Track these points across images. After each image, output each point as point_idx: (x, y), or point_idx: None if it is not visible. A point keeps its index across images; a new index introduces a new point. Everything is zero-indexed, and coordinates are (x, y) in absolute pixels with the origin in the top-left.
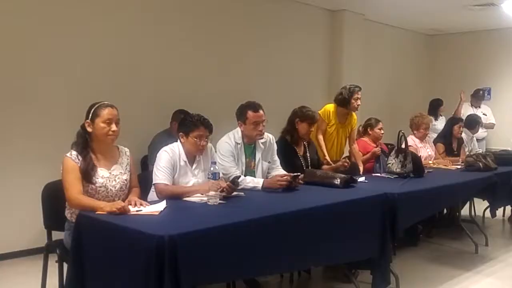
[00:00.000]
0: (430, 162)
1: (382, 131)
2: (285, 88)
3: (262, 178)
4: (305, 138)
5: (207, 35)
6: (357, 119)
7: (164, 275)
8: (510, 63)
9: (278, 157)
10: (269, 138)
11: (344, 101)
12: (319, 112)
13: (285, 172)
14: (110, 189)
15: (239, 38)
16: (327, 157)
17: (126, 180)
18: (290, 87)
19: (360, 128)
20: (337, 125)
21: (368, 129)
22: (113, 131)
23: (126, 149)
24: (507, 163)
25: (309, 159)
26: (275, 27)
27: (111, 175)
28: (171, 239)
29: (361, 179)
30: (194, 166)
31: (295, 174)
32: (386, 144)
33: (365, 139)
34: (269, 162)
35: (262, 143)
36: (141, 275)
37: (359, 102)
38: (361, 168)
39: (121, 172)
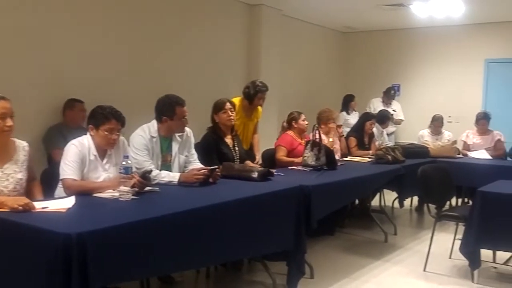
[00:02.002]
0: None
1: (306, 122)
2: (203, 82)
3: (179, 172)
4: (228, 125)
5: (118, 25)
6: (261, 112)
7: (71, 276)
8: (418, 61)
9: (208, 152)
10: (187, 131)
11: (248, 96)
12: None
13: (202, 166)
14: (1, 190)
15: (154, 31)
16: None
17: (21, 179)
18: (208, 82)
19: (284, 124)
20: (243, 119)
21: (293, 123)
22: (9, 126)
23: (25, 144)
24: (414, 156)
25: (238, 152)
26: (192, 20)
27: (3, 174)
28: (80, 237)
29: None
30: (105, 160)
31: (212, 167)
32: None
33: (291, 133)
34: (186, 156)
35: (179, 136)
36: (46, 278)
37: (262, 102)
38: (257, 157)
39: (15, 171)
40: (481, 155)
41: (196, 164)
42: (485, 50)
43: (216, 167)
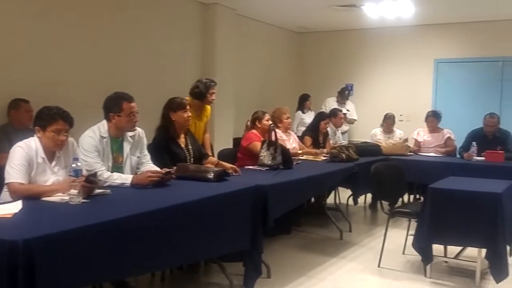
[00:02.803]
0: (300, 152)
1: (270, 122)
2: (155, 81)
3: (131, 174)
4: (184, 126)
5: (65, 21)
6: (211, 110)
7: (18, 286)
8: (370, 61)
9: (158, 152)
10: (138, 131)
11: (200, 95)
12: None
13: (156, 167)
14: None
15: (104, 28)
16: None
17: None
18: (161, 81)
19: (248, 123)
20: (194, 119)
21: (257, 122)
22: None
23: None
24: (367, 154)
25: (191, 151)
26: (144, 18)
27: None
28: (26, 244)
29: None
30: (53, 163)
31: (168, 170)
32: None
33: (255, 131)
34: (138, 157)
35: (130, 136)
36: None
37: (214, 96)
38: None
39: None
40: (432, 155)
41: (149, 165)
42: (434, 51)
43: (170, 169)
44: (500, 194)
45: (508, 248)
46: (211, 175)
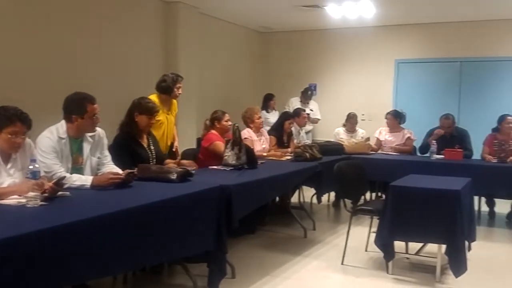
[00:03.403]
0: (265, 154)
1: (230, 123)
2: (117, 81)
3: (92, 175)
4: (145, 131)
5: (22, 17)
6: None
7: None
8: (333, 61)
9: (120, 152)
10: (99, 132)
11: (167, 89)
12: None
13: (117, 168)
14: None
15: (64, 25)
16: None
17: None
18: (122, 80)
19: (207, 122)
20: (165, 113)
21: (216, 123)
22: None
23: None
24: (330, 153)
25: (154, 152)
26: (104, 15)
27: None
28: None
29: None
30: (9, 165)
31: (130, 171)
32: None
33: (214, 132)
34: (98, 158)
35: (90, 137)
36: None
37: (180, 91)
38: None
39: None
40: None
41: (109, 166)
42: (395, 51)
43: (133, 170)
44: (459, 191)
45: (466, 243)
46: (174, 176)
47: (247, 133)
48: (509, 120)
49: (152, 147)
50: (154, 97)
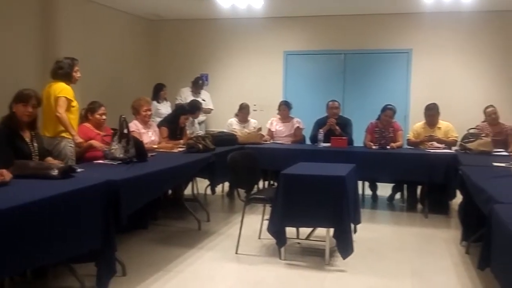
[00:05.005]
0: (155, 146)
1: (104, 117)
2: None
3: None
4: (24, 121)
5: None
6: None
7: None
8: (224, 51)
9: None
10: None
11: (66, 75)
12: (62, 94)
13: None
14: None
15: None
16: (77, 136)
17: None
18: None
19: (82, 112)
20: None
21: (88, 114)
22: None
23: None
24: (224, 144)
25: (36, 148)
26: None
27: None
28: None
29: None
30: None
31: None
32: (114, 129)
33: (88, 124)
34: None
35: None
36: None
37: (79, 74)
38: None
39: None
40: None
41: None
42: (283, 43)
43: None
44: (344, 177)
45: (352, 226)
46: (55, 172)
47: (133, 125)
48: (388, 113)
49: (35, 144)
50: (63, 85)
